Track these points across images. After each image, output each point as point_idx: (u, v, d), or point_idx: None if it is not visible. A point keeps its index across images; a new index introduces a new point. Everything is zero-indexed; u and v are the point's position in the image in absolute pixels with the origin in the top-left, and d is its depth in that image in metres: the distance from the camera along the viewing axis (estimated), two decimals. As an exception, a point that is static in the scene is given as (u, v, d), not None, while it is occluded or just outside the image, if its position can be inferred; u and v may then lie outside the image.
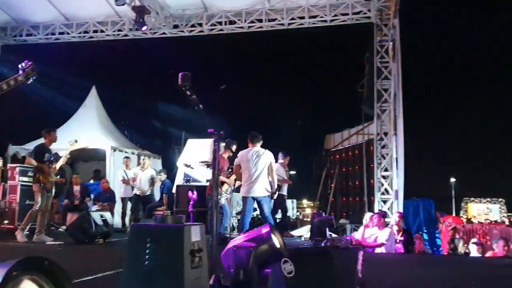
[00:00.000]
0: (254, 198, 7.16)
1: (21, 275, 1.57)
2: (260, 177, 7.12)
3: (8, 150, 12.31)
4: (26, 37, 12.65)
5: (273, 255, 3.32)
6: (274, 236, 3.23)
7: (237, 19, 11.51)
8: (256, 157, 7.21)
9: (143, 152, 13.23)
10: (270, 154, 7.34)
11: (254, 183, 7.12)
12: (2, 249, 6.79)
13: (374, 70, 10.55)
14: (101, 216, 7.85)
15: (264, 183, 7.14)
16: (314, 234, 8.35)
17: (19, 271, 1.54)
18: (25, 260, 1.58)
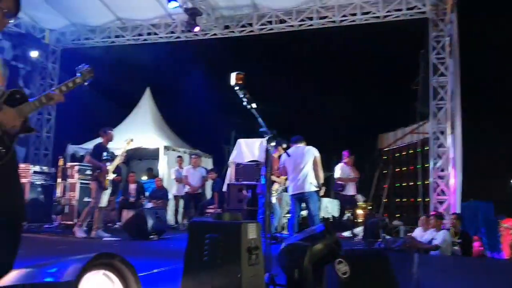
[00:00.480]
0: (301, 194, 7.01)
1: (95, 269, 1.62)
2: (305, 173, 6.98)
3: (67, 150, 12.85)
4: (84, 41, 13.16)
5: (328, 254, 3.28)
6: (329, 236, 3.19)
7: (288, 17, 11.49)
8: (299, 154, 7.08)
9: (194, 151, 13.46)
10: (314, 149, 7.17)
11: (299, 179, 6.99)
12: (62, 244, 7.09)
13: (430, 67, 10.22)
14: (155, 213, 8.05)
15: (309, 179, 6.98)
16: (367, 235, 8.20)
17: (93, 265, 1.59)
18: (99, 255, 1.62)
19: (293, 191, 7.10)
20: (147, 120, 13.90)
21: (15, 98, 2.62)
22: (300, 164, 7.01)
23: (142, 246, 7.03)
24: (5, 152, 2.54)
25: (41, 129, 13.28)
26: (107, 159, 7.95)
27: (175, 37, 12.50)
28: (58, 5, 12.03)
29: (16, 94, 2.65)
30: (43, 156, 13.20)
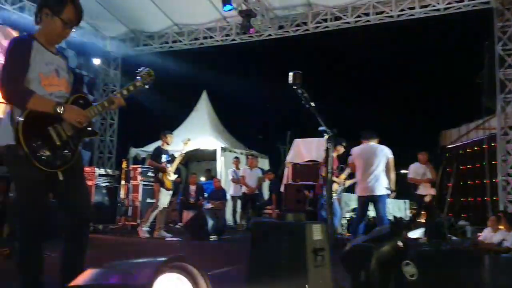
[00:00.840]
0: (370, 197, 6.66)
1: (167, 272, 1.63)
2: (377, 175, 6.61)
3: (129, 153, 13.29)
4: (143, 47, 13.55)
5: (395, 256, 3.17)
6: (396, 237, 3.09)
7: (343, 14, 11.29)
8: (371, 153, 6.75)
9: (251, 152, 13.54)
10: (388, 150, 6.79)
11: (370, 181, 6.63)
12: (127, 244, 7.32)
13: (496, 59, 9.70)
14: (215, 214, 8.17)
15: (381, 181, 6.62)
16: (431, 236, 7.90)
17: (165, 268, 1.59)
18: (171, 258, 1.63)
19: (362, 192, 6.75)
20: (204, 122, 14.13)
21: (78, 103, 2.70)
22: (372, 164, 6.66)
23: (203, 246, 7.13)
24: (71, 155, 2.63)
25: (105, 133, 13.81)
26: (167, 161, 8.14)
27: (230, 40, 12.61)
28: (118, 13, 12.46)
29: (80, 100, 2.74)
30: (107, 159, 13.72)
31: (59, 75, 2.69)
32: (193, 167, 14.92)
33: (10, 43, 2.62)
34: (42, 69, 2.59)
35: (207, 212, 8.18)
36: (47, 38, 2.69)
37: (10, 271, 2.71)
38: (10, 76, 2.51)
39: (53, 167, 2.55)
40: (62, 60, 2.78)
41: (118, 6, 12.15)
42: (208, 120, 14.34)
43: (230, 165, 12.12)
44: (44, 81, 2.59)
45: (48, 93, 2.60)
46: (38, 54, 2.59)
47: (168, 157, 8.24)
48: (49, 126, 2.55)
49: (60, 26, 2.65)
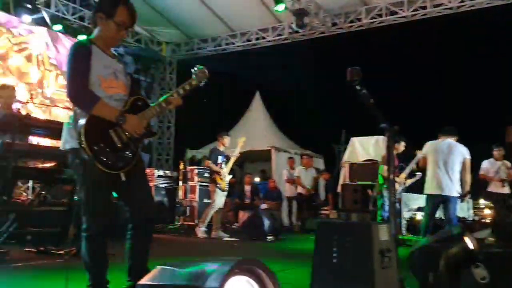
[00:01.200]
0: (441, 196, 6.21)
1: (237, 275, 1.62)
2: (450, 173, 6.19)
3: (186, 154, 13.57)
4: (197, 51, 13.80)
5: (465, 258, 3.03)
6: (466, 238, 2.95)
7: (399, 8, 11.01)
8: (447, 150, 6.29)
9: (305, 152, 13.44)
10: (466, 150, 6.34)
11: (442, 179, 6.20)
12: (187, 244, 7.46)
13: None
14: (271, 214, 8.17)
15: (454, 181, 6.20)
16: (500, 238, 7.51)
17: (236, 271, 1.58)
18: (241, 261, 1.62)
19: (433, 190, 6.30)
20: (258, 123, 14.19)
21: (137, 105, 2.78)
22: (447, 162, 6.24)
23: (260, 246, 7.14)
24: (132, 157, 2.70)
25: (162, 135, 14.18)
26: (222, 162, 8.24)
27: (282, 39, 12.61)
28: (173, 19, 12.76)
29: (138, 102, 2.82)
30: (165, 161, 14.07)
31: (117, 77, 2.76)
32: (247, 167, 15.01)
33: (71, 48, 2.72)
34: (101, 72, 2.67)
35: (263, 212, 8.19)
36: (104, 42, 2.76)
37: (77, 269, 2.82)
38: (75, 82, 2.62)
39: (115, 168, 2.63)
40: (119, 64, 2.85)
41: (173, 13, 12.45)
42: (262, 120, 14.39)
43: (284, 165, 12.09)
44: (104, 84, 2.67)
45: (108, 95, 2.67)
46: (97, 58, 2.66)
47: (223, 158, 8.33)
48: (110, 129, 2.63)
49: (114, 29, 2.71)
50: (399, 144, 7.69)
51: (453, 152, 6.28)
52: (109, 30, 2.71)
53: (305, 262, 4.62)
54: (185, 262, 1.79)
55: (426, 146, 6.57)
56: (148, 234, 2.86)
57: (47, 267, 4.44)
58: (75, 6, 11.39)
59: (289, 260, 5.49)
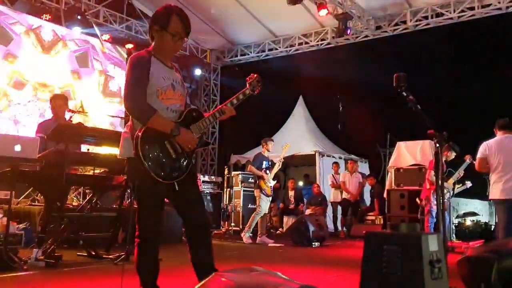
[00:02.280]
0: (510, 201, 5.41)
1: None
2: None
3: (230, 159, 13.70)
4: (240, 57, 13.95)
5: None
6: None
7: (445, 10, 10.73)
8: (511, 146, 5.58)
9: (350, 157, 13.29)
10: None
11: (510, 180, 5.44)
12: (233, 249, 7.52)
13: None
14: (316, 220, 8.12)
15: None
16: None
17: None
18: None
19: (504, 195, 5.45)
20: (301, 127, 14.16)
21: (192, 116, 2.84)
22: None
23: (306, 253, 7.11)
24: (186, 167, 2.77)
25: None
26: (267, 168, 8.27)
27: (325, 44, 12.55)
28: (217, 27, 12.96)
29: (193, 113, 2.87)
30: (210, 167, 14.26)
31: (175, 88, 2.82)
32: (291, 172, 14.99)
33: (131, 60, 2.78)
34: (160, 83, 2.73)
35: (308, 218, 8.15)
36: (162, 53, 2.82)
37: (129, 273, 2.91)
38: (133, 93, 2.68)
39: (169, 178, 2.69)
40: (176, 74, 2.90)
41: (217, 20, 12.64)
42: (305, 124, 14.34)
43: (328, 169, 12.00)
44: (162, 95, 2.73)
45: (165, 106, 2.74)
46: (156, 69, 2.73)
47: (268, 163, 8.37)
48: (165, 140, 2.71)
49: (170, 40, 2.76)
50: (451, 152, 7.38)
51: None
52: (165, 41, 2.77)
53: (351, 269, 4.58)
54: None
55: (483, 146, 5.79)
56: (206, 240, 2.88)
57: (98, 271, 4.60)
58: (122, 16, 11.76)
59: (335, 267, 5.45)
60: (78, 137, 5.03)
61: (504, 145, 5.61)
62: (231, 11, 11.89)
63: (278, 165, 8.48)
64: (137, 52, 2.83)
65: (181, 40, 2.81)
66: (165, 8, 2.79)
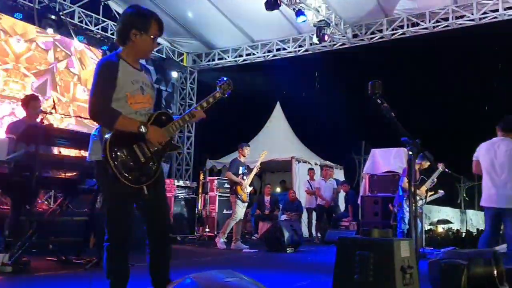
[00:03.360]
0: (497, 210, 5.03)
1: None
2: (507, 181, 5.00)
3: (206, 164, 13.62)
4: (218, 61, 13.92)
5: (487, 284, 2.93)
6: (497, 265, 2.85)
7: (420, 20, 10.95)
8: (504, 151, 5.09)
9: (325, 163, 13.38)
10: None
11: (497, 187, 5.06)
12: (206, 255, 7.46)
13: None
14: (291, 226, 8.12)
15: None
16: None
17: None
18: None
19: (488, 202, 5.14)
20: (278, 133, 14.19)
21: (161, 119, 2.85)
22: (503, 165, 5.05)
23: (280, 258, 7.10)
24: (155, 171, 2.77)
25: (182, 145, 14.29)
26: (243, 173, 8.25)
27: (303, 51, 12.63)
28: (195, 30, 12.90)
29: (162, 116, 2.88)
30: (185, 171, 14.14)
31: (144, 92, 2.83)
32: (267, 177, 15.01)
33: (98, 65, 2.78)
34: (129, 88, 2.74)
35: (283, 223, 8.15)
36: (135, 56, 2.85)
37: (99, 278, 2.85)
38: (98, 99, 2.68)
39: (138, 183, 2.69)
40: (146, 76, 2.92)
41: (194, 24, 12.58)
42: (282, 130, 14.39)
43: (304, 176, 12.04)
44: (131, 100, 2.74)
45: (134, 111, 2.76)
46: (125, 73, 2.73)
47: (244, 169, 8.34)
48: (134, 144, 2.71)
49: (150, 42, 2.83)
50: (425, 161, 7.43)
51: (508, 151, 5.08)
52: (145, 44, 2.82)
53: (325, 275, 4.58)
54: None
55: (478, 148, 5.41)
56: (168, 246, 2.91)
57: (68, 277, 4.49)
58: (98, 17, 11.60)
59: (309, 272, 5.45)
60: (49, 139, 4.92)
61: (494, 148, 5.22)
62: (208, 15, 11.86)
63: (255, 171, 8.46)
64: (105, 57, 2.88)
65: (156, 41, 2.90)
66: (143, 13, 2.84)
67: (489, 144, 5.30)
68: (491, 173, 5.13)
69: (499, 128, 5.29)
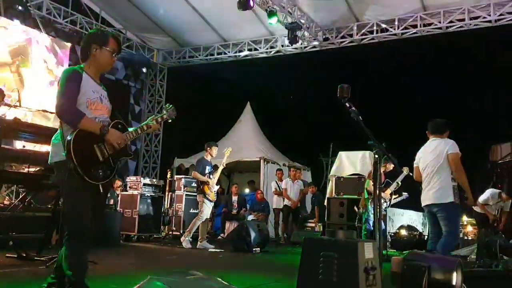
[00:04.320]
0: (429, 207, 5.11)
1: None
2: (433, 177, 5.09)
3: (174, 163, 13.50)
4: (189, 59, 13.83)
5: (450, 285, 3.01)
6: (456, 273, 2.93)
7: (390, 26, 11.18)
8: (429, 152, 5.21)
9: (293, 164, 13.46)
10: (448, 144, 5.11)
11: (427, 187, 5.14)
12: (171, 254, 7.41)
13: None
14: (257, 226, 8.14)
15: (437, 185, 5.05)
16: (482, 255, 7.58)
17: None
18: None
19: (423, 201, 5.23)
20: (248, 133, 14.16)
21: (117, 128, 3.12)
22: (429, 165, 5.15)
23: (246, 258, 7.11)
24: (111, 172, 3.02)
25: (150, 143, 14.14)
26: (209, 173, 8.21)
27: (274, 52, 12.70)
28: (165, 26, 12.78)
29: (118, 125, 3.15)
30: (152, 169, 13.99)
31: (102, 102, 3.12)
32: (235, 178, 14.99)
33: (65, 72, 3.08)
34: (90, 95, 3.02)
35: (250, 224, 8.16)
36: (96, 70, 3.16)
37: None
38: (66, 99, 2.93)
39: (97, 179, 2.92)
40: (104, 91, 3.21)
41: (166, 20, 12.46)
42: (252, 131, 14.37)
43: (273, 176, 12.09)
44: (91, 106, 3.02)
45: (94, 116, 3.01)
46: (86, 83, 3.03)
47: (211, 168, 8.31)
48: (94, 144, 2.95)
49: (109, 56, 3.14)
50: (390, 163, 7.60)
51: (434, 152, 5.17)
52: (104, 57, 3.13)
53: (290, 276, 4.62)
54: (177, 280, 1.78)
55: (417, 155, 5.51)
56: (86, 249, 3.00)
57: (28, 274, 4.38)
58: (67, 10, 11.36)
59: (274, 273, 5.48)
60: (13, 133, 4.79)
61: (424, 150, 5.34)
62: (180, 11, 11.77)
63: (221, 170, 8.43)
64: (71, 67, 3.18)
65: (115, 56, 3.20)
66: (102, 31, 3.36)
67: (422, 148, 5.42)
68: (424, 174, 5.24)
69: (429, 132, 5.42)
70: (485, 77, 16.11)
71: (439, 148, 5.14)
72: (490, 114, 15.50)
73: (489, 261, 7.35)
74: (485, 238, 7.88)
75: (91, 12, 11.84)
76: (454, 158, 5.01)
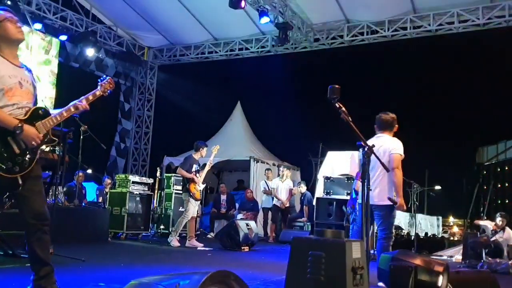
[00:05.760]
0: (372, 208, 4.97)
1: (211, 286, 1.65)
2: (376, 177, 5.05)
3: (163, 161, 13.47)
4: (179, 57, 13.81)
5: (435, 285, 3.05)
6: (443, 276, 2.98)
7: (380, 28, 11.26)
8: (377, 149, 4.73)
9: (283, 164, 13.51)
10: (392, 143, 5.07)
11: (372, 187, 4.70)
12: (160, 252, 7.40)
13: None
14: (246, 225, 8.16)
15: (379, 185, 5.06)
16: (467, 256, 7.69)
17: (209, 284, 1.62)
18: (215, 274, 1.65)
19: None
20: (237, 133, 14.19)
21: (38, 114, 2.95)
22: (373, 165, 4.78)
23: (234, 257, 7.13)
24: (29, 162, 2.87)
25: (139, 141, 14.09)
26: (196, 171, 8.18)
27: (265, 52, 12.73)
28: (157, 25, 12.75)
29: (39, 110, 2.97)
30: (141, 167, 13.95)
31: (22, 86, 2.93)
32: (225, 177, 15.00)
33: None
34: (6, 82, 2.84)
35: (239, 222, 8.18)
36: (8, 47, 2.93)
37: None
38: None
39: (12, 173, 2.79)
40: (26, 73, 3.01)
41: (157, 18, 12.43)
42: (242, 130, 14.40)
43: (262, 176, 12.13)
44: (8, 93, 2.84)
45: (11, 103, 2.85)
46: (2, 68, 2.84)
47: (198, 167, 8.28)
48: (8, 136, 2.80)
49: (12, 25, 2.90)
50: None
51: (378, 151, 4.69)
52: (8, 29, 2.89)
53: (278, 275, 4.65)
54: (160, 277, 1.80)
55: None
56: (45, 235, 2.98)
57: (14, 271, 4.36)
58: (57, 6, 11.28)
59: (263, 271, 5.50)
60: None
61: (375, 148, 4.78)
62: (172, 9, 11.75)
63: (208, 168, 8.38)
64: None
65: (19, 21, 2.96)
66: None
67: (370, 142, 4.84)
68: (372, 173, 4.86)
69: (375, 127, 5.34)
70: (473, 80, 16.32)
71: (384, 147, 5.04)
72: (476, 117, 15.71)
73: (474, 261, 7.48)
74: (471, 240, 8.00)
75: (81, 8, 11.78)
76: (396, 159, 5.02)
